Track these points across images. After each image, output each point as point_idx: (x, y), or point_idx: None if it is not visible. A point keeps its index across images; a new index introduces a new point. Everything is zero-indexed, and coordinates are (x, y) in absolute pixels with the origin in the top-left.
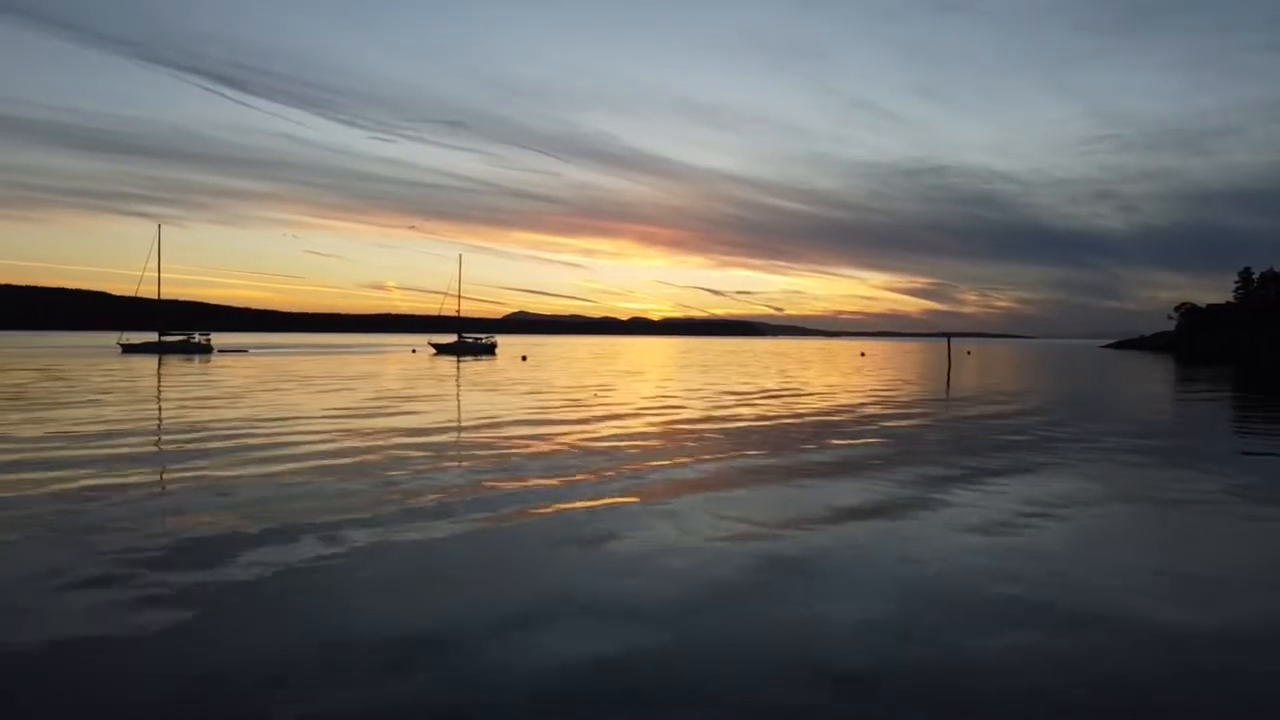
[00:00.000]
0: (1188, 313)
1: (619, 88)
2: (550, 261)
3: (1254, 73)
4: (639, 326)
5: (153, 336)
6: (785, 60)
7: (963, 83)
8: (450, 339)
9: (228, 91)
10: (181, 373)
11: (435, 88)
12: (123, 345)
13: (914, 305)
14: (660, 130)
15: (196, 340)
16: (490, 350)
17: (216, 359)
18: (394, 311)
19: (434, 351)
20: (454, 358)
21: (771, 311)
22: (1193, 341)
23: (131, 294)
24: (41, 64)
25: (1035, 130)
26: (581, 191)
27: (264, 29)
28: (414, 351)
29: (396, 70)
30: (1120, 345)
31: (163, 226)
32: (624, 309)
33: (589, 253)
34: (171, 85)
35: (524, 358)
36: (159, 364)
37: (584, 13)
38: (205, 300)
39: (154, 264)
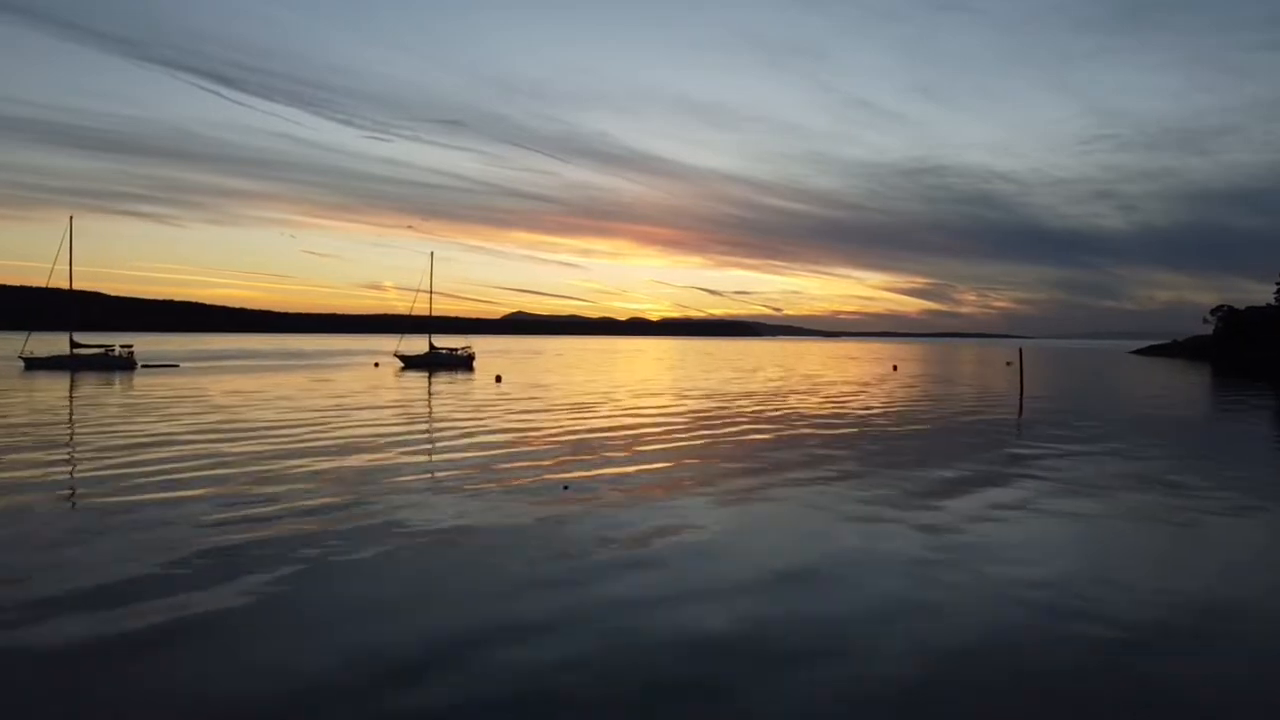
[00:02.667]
0: (1226, 316)
1: (617, 87)
2: (548, 261)
3: (1253, 72)
4: (637, 327)
5: (64, 344)
6: (784, 59)
7: (962, 82)
8: (420, 344)
9: (225, 91)
10: (81, 404)
11: (433, 87)
12: (25, 359)
13: (912, 305)
14: (658, 130)
15: (116, 353)
16: (467, 363)
17: (139, 377)
18: (391, 312)
19: (401, 365)
20: (423, 372)
21: (770, 311)
22: (1233, 349)
23: (125, 294)
24: (37, 62)
25: (1034, 129)
26: (579, 191)
27: (261, 28)
28: (376, 365)
29: (394, 69)
30: (1150, 351)
31: (157, 226)
32: (622, 309)
33: (586, 253)
34: (168, 84)
35: (498, 378)
36: (70, 386)
37: (582, 11)
38: (201, 300)
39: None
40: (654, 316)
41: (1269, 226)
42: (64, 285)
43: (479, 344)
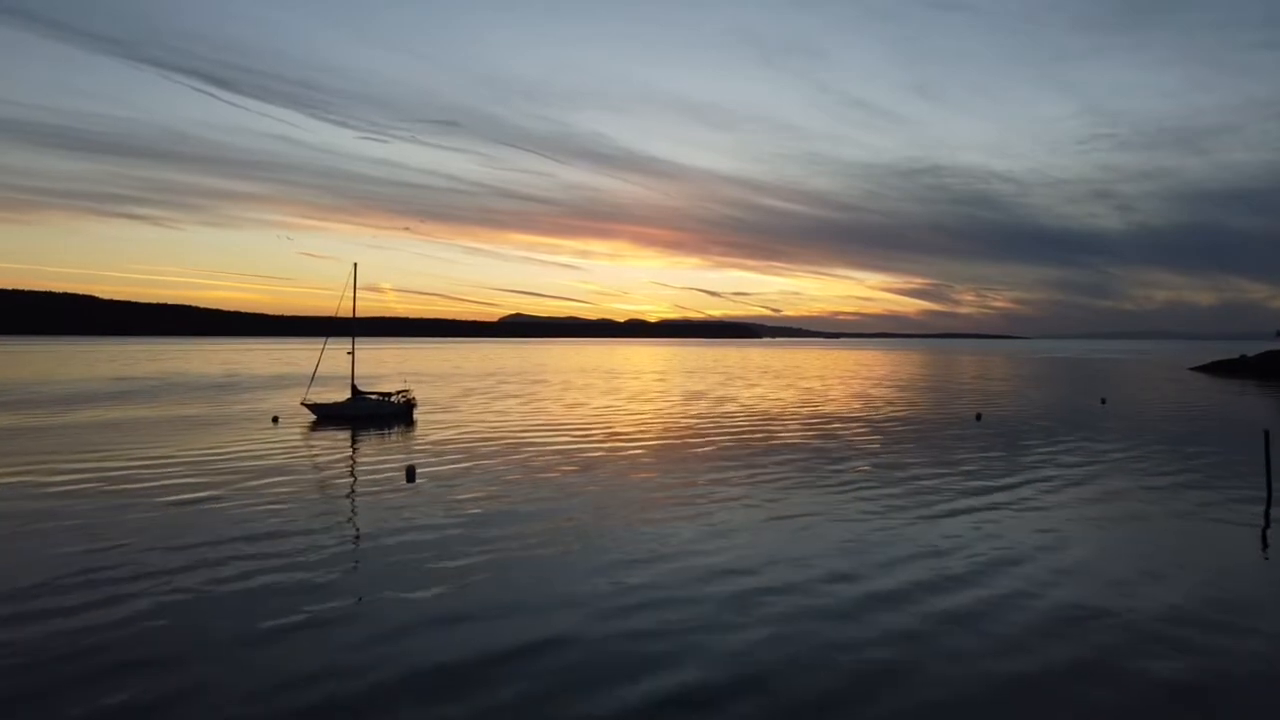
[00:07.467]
0: None
1: (613, 87)
2: (545, 263)
3: (1252, 71)
4: (636, 329)
5: None
6: (780, 59)
7: (959, 81)
8: (336, 366)
9: (219, 92)
10: None
11: (428, 87)
12: None
13: (911, 306)
14: (655, 130)
15: None
16: (406, 414)
17: None
18: (388, 314)
19: (313, 418)
20: (343, 429)
21: (769, 313)
22: None
23: (120, 297)
24: (29, 63)
25: (1032, 129)
26: (576, 192)
27: (255, 28)
28: (275, 421)
29: (389, 70)
30: (1215, 369)
31: (151, 228)
32: (620, 310)
33: (584, 254)
34: (162, 85)
35: (411, 474)
36: None
37: (578, 11)
38: (197, 303)
39: None
40: (652, 318)
41: (1266, 226)
42: None
43: (474, 349)
